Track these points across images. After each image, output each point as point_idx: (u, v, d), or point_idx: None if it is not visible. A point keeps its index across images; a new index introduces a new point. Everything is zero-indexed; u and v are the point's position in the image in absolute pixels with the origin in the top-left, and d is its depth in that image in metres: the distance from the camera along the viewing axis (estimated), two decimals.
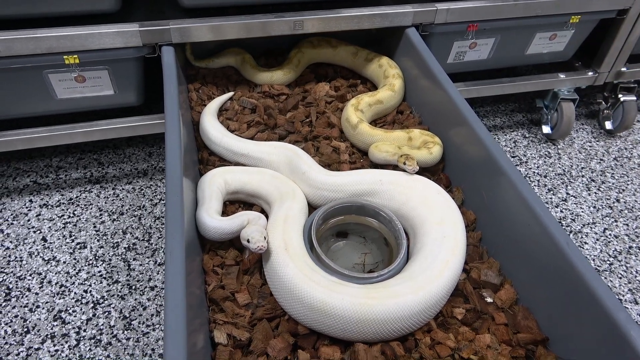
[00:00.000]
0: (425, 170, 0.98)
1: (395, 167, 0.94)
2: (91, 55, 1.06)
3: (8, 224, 1.25)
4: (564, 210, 1.42)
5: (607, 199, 1.46)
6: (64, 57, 1.04)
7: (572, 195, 1.46)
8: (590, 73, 1.55)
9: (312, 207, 0.91)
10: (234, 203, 0.94)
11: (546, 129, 1.67)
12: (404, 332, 0.71)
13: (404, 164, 0.89)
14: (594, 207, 1.43)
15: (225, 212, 0.90)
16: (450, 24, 1.24)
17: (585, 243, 1.32)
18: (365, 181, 0.89)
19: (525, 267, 0.78)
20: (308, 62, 1.29)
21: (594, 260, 1.28)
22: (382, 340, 0.70)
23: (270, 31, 1.12)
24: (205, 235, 0.81)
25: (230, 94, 1.16)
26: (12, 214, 1.28)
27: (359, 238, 0.90)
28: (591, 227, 1.36)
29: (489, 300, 0.78)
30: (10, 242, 1.21)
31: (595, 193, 1.48)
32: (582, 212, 1.41)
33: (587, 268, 0.68)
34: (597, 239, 1.33)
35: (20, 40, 0.99)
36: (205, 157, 1.01)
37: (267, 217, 0.87)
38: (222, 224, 0.80)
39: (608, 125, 1.72)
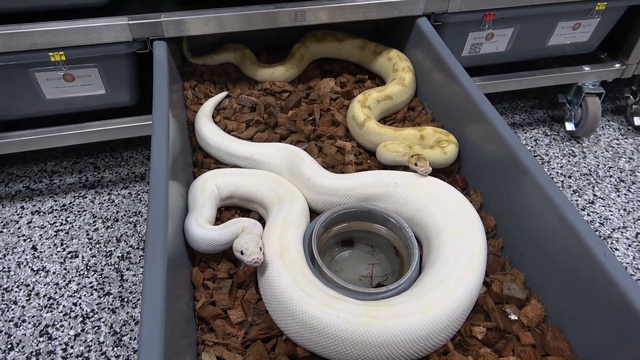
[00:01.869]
0: (439, 172, 0.89)
1: (406, 169, 0.85)
2: (79, 52, 1.00)
3: None
4: (591, 213, 1.31)
5: (639, 200, 1.35)
6: (50, 54, 0.98)
7: (599, 197, 1.36)
8: (617, 65, 1.46)
9: (317, 214, 0.83)
10: (229, 209, 0.86)
11: (569, 126, 1.58)
12: (410, 358, 0.62)
13: (415, 164, 0.81)
14: (624, 209, 1.33)
15: (220, 220, 0.82)
16: (465, 12, 1.15)
17: (616, 249, 1.21)
18: (379, 183, 0.81)
19: (554, 280, 0.69)
20: (312, 57, 1.21)
21: (625, 268, 1.17)
22: None
23: (270, 23, 1.04)
24: (195, 247, 0.73)
25: (224, 93, 1.08)
26: (2, 222, 1.22)
27: (366, 247, 0.81)
28: (622, 232, 1.26)
29: (513, 317, 0.70)
30: None
31: (625, 194, 1.37)
32: (612, 215, 1.31)
33: (628, 282, 0.60)
34: (629, 245, 1.23)
35: (1, 36, 0.93)
36: (200, 160, 0.94)
37: (264, 225, 0.79)
38: (212, 234, 0.72)
39: (637, 121, 1.62)
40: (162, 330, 0.54)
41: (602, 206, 1.34)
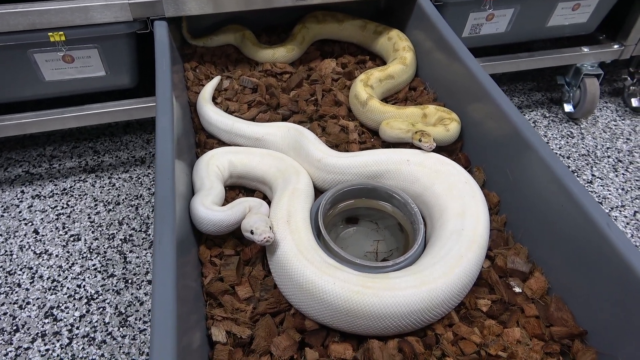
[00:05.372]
0: (442, 149, 0.89)
1: (413, 147, 0.85)
2: (78, 32, 0.99)
3: None
4: (590, 193, 1.32)
5: (637, 180, 1.37)
6: (49, 34, 0.97)
7: (598, 177, 1.37)
8: (615, 46, 1.46)
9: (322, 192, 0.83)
10: (233, 189, 0.86)
11: (568, 108, 1.58)
12: (402, 330, 0.63)
13: (420, 140, 0.81)
14: (622, 189, 1.34)
15: (225, 200, 0.82)
16: None
17: None
18: (392, 160, 0.81)
19: (558, 253, 0.70)
20: (313, 38, 1.20)
21: None
22: (375, 336, 0.63)
23: (272, 3, 1.03)
24: (202, 229, 0.73)
25: (218, 77, 1.06)
26: (2, 206, 1.21)
27: (371, 224, 0.82)
28: (620, 211, 1.27)
29: (518, 290, 0.71)
30: (0, 235, 1.15)
31: (623, 174, 1.38)
32: (610, 194, 1.32)
33: (632, 251, 0.61)
34: (627, 223, 1.24)
35: (0, 16, 0.92)
36: (203, 140, 0.94)
37: (269, 204, 0.79)
38: (219, 215, 0.71)
39: (634, 102, 1.63)
40: (174, 306, 0.54)
41: (601, 186, 1.35)
